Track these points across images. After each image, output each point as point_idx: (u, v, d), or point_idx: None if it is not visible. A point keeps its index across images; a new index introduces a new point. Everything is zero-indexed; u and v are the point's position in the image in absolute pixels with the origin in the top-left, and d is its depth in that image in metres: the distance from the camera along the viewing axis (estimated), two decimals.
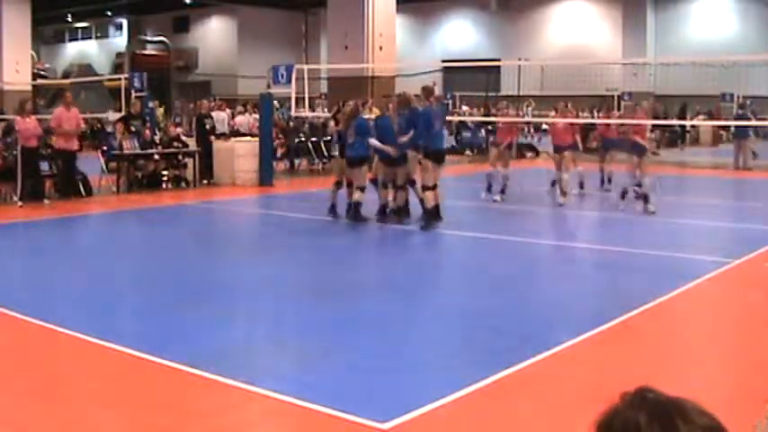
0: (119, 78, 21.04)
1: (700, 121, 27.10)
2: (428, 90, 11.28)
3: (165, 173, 15.82)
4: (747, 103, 24.62)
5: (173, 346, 5.51)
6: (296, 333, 6.18)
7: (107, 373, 5.22)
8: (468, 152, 24.68)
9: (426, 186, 10.83)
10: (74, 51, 48.27)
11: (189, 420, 4.43)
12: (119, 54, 44.43)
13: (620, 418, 1.19)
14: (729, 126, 24.46)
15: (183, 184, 15.97)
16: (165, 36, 43.87)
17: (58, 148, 13.78)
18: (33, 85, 25.55)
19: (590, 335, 5.91)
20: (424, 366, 5.34)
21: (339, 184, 11.86)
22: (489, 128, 21.25)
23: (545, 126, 20.09)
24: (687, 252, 9.61)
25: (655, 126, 25.95)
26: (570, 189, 13.48)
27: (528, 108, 28.26)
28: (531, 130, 27.82)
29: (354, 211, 11.30)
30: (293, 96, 18.00)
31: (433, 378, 5.07)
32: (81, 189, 14.37)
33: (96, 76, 35.94)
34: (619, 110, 28.25)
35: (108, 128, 20.22)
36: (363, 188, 11.32)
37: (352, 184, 11.51)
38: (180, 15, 43.78)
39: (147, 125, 16.57)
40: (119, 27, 46.39)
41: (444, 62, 31.93)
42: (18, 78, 23.67)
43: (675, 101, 29.61)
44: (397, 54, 24.08)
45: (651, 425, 1.15)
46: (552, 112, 14.89)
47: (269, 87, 17.69)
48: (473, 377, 4.88)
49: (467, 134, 25.40)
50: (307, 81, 17.96)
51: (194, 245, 10.19)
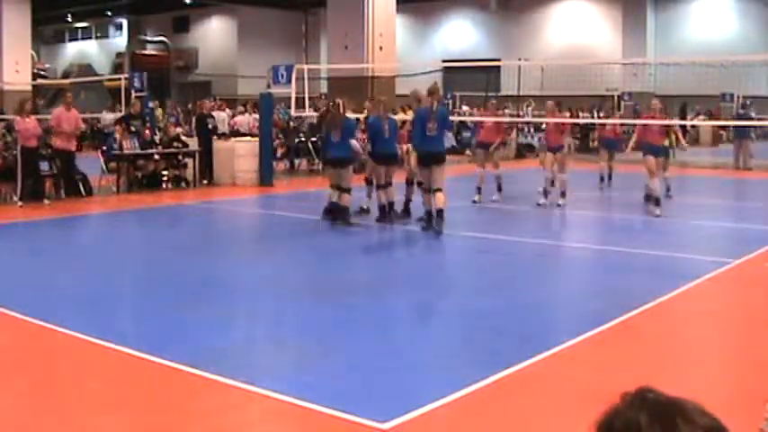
0: (119, 78, 21.04)
1: (700, 121, 27.10)
2: (429, 90, 11.16)
3: (165, 173, 15.82)
4: (748, 102, 24.62)
5: (173, 346, 5.51)
6: (296, 333, 6.17)
7: (107, 373, 5.22)
8: (469, 152, 24.66)
9: (428, 189, 10.69)
10: (74, 51, 48.24)
11: (189, 420, 4.43)
12: (119, 54, 44.40)
13: (620, 418, 1.18)
14: (729, 126, 24.45)
15: (183, 184, 15.97)
16: (165, 36, 43.86)
17: (57, 148, 13.76)
18: (33, 85, 25.55)
19: (590, 335, 5.91)
20: (424, 366, 5.34)
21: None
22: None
23: (544, 126, 20.07)
24: (687, 252, 9.61)
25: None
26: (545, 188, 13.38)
27: (528, 108, 28.26)
28: (532, 129, 27.81)
29: (342, 213, 11.06)
30: (293, 96, 17.99)
31: (433, 378, 5.07)
32: (81, 189, 14.38)
33: (96, 76, 35.95)
34: (619, 110, 28.34)
35: (106, 130, 20.22)
36: (349, 190, 11.14)
37: (340, 186, 11.16)
38: (180, 15, 43.75)
39: (147, 125, 16.58)
40: (119, 27, 46.37)
41: (444, 62, 31.93)
42: (18, 78, 23.68)
43: (675, 101, 29.59)
44: (397, 54, 24.08)
45: (652, 425, 1.15)
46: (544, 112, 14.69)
47: (269, 87, 17.69)
48: (473, 377, 4.88)
49: (467, 134, 25.38)
50: (307, 81, 17.96)
51: (194, 245, 10.19)
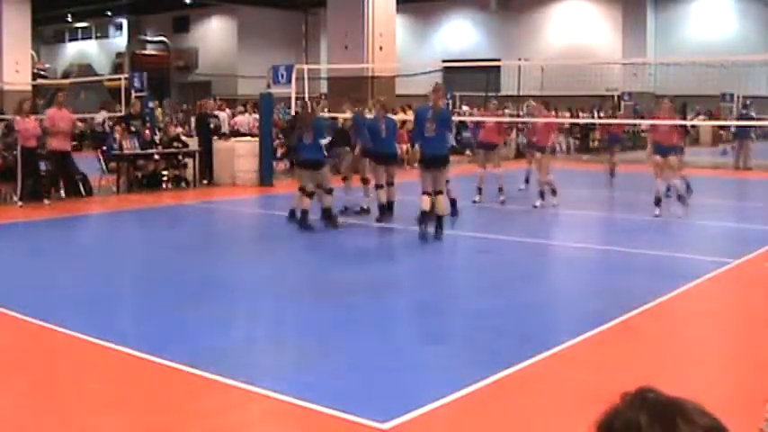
0: (119, 78, 21.04)
1: (700, 121, 27.09)
2: (433, 88, 10.40)
3: (165, 173, 15.82)
4: (748, 102, 24.63)
5: (173, 346, 5.51)
6: (296, 333, 6.17)
7: (107, 373, 5.22)
8: (469, 152, 24.65)
9: (425, 191, 10.04)
10: (74, 51, 48.25)
11: (189, 420, 4.43)
12: (119, 54, 44.41)
13: (620, 418, 1.18)
14: (729, 126, 24.43)
15: (183, 184, 15.97)
16: (165, 36, 43.86)
17: (53, 148, 13.53)
18: (33, 85, 25.54)
19: (590, 335, 5.91)
20: (424, 366, 5.34)
21: (331, 189, 11.26)
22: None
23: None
24: (687, 252, 9.61)
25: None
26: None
27: (528, 108, 28.24)
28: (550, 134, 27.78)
29: (302, 218, 10.66)
30: (293, 96, 17.99)
31: (433, 378, 5.07)
32: (81, 189, 14.38)
33: (96, 76, 35.95)
34: (619, 110, 28.33)
35: (98, 128, 20.18)
36: (331, 191, 10.85)
37: (304, 188, 10.86)
38: (180, 15, 43.75)
39: (147, 125, 16.58)
40: (119, 27, 46.38)
41: (444, 62, 31.92)
42: (18, 78, 23.68)
43: (675, 101, 29.58)
44: (397, 54, 24.07)
45: (652, 425, 1.15)
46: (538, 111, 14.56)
47: (269, 87, 17.68)
48: (473, 377, 4.88)
49: (467, 134, 25.37)
50: (307, 81, 17.95)
51: (194, 245, 10.18)
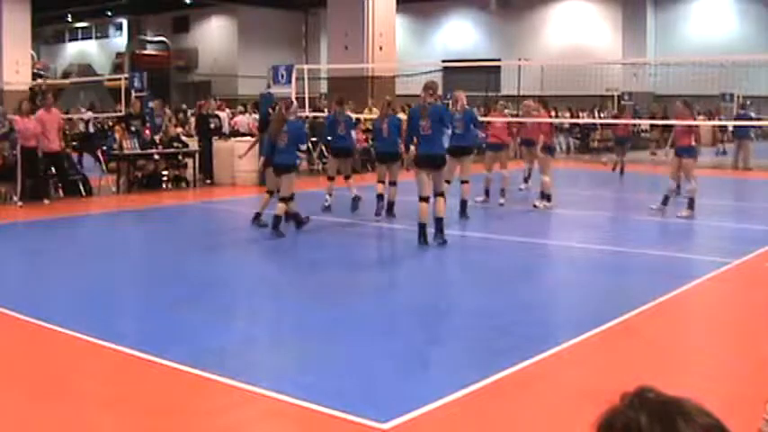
0: (119, 78, 21.05)
1: (700, 121, 27.06)
2: (425, 85, 9.83)
3: (165, 173, 15.83)
4: (748, 103, 24.62)
5: (173, 347, 5.51)
6: (296, 333, 6.17)
7: (107, 373, 5.22)
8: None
9: (421, 197, 9.57)
10: (74, 51, 48.26)
11: (189, 420, 4.43)
12: (119, 54, 44.39)
13: (621, 418, 1.18)
14: (727, 126, 24.47)
15: (183, 184, 15.97)
16: (165, 36, 43.86)
17: (46, 150, 13.38)
18: (32, 86, 25.54)
19: (590, 335, 5.91)
20: (424, 366, 5.34)
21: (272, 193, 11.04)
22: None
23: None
24: (687, 252, 9.62)
25: (653, 126, 26.01)
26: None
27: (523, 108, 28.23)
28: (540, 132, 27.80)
29: (275, 222, 10.31)
30: (293, 96, 17.98)
31: (433, 378, 5.07)
32: (81, 189, 14.39)
33: (96, 76, 35.96)
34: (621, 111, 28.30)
35: (83, 128, 20.10)
36: (292, 197, 10.44)
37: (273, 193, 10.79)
38: (180, 15, 43.74)
39: (147, 125, 16.58)
40: (119, 27, 46.37)
41: (444, 62, 31.92)
42: (18, 78, 23.68)
43: (675, 101, 29.61)
44: (397, 54, 24.09)
45: (652, 425, 1.15)
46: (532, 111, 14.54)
47: (269, 87, 17.67)
48: (473, 377, 4.88)
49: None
50: (307, 81, 17.96)
51: (194, 245, 10.18)
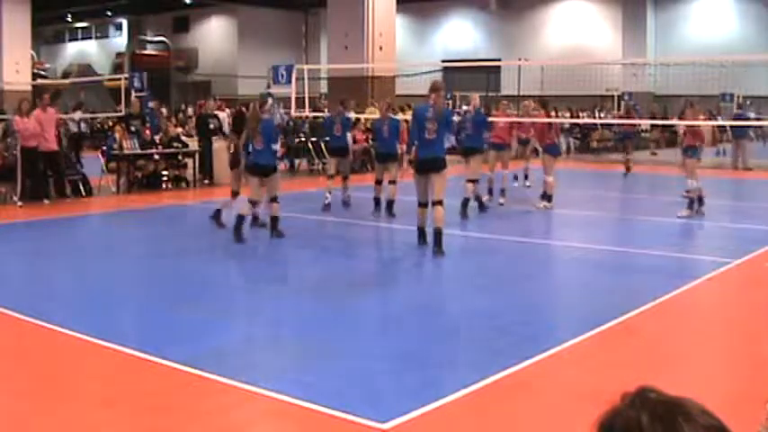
0: (119, 78, 21.04)
1: (700, 122, 27.06)
2: (432, 86, 9.35)
3: (165, 173, 15.82)
4: (748, 103, 24.62)
5: (172, 346, 5.51)
6: (296, 333, 6.17)
7: (107, 373, 5.22)
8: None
9: (420, 202, 9.22)
10: (74, 51, 48.25)
11: (189, 420, 4.43)
12: (119, 54, 44.40)
13: (621, 418, 1.18)
14: (725, 126, 24.46)
15: (183, 184, 15.97)
16: (165, 36, 43.86)
17: (43, 150, 13.33)
18: (33, 85, 25.55)
19: (590, 335, 5.91)
20: (424, 366, 5.34)
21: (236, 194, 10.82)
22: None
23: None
24: (687, 252, 9.62)
25: (653, 126, 26.03)
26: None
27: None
28: (532, 130, 27.81)
29: (274, 223, 10.10)
30: (293, 96, 17.99)
31: (433, 378, 5.07)
32: (81, 189, 14.39)
33: (96, 76, 35.95)
34: (619, 110, 28.30)
35: (73, 128, 20.03)
36: (276, 198, 10.07)
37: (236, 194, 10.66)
38: (180, 15, 43.75)
39: (147, 125, 16.58)
40: (119, 27, 46.37)
41: (444, 62, 31.91)
42: (18, 78, 23.68)
43: (675, 101, 29.63)
44: (397, 54, 24.09)
45: (653, 425, 1.15)
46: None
47: (269, 87, 17.67)
48: (473, 377, 4.88)
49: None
50: (307, 81, 17.95)
51: (194, 245, 10.18)
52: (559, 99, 24.93)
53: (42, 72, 34.07)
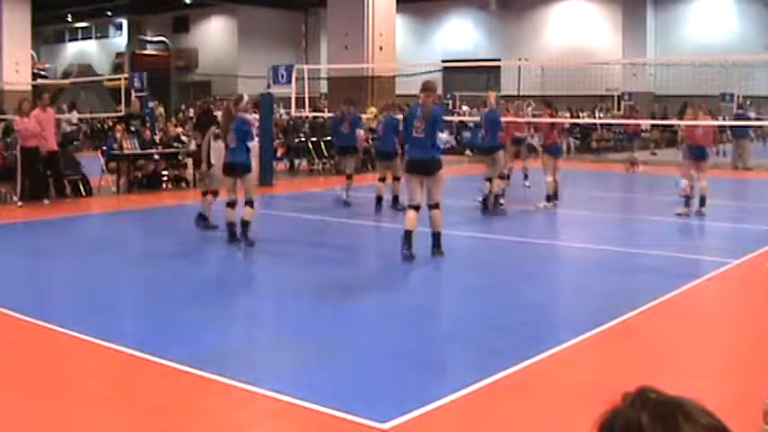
0: (119, 78, 21.05)
1: (700, 121, 27.07)
2: (423, 86, 9.07)
3: (165, 173, 15.82)
4: (748, 103, 24.61)
5: (173, 347, 5.51)
6: (296, 333, 6.17)
7: (107, 373, 5.22)
8: (469, 152, 24.66)
9: (410, 204, 8.84)
10: (74, 51, 48.26)
11: (189, 420, 4.43)
12: (119, 54, 44.42)
13: (621, 418, 1.18)
14: (724, 127, 24.46)
15: (183, 185, 15.97)
16: (165, 36, 43.86)
17: (40, 149, 13.26)
18: (33, 86, 25.56)
19: (590, 335, 5.91)
20: (424, 366, 5.34)
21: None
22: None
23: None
24: (687, 252, 9.61)
25: (654, 126, 26.02)
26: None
27: (528, 108, 28.24)
28: (532, 130, 27.84)
29: (244, 229, 9.60)
30: (293, 96, 18.00)
31: (433, 378, 5.07)
32: (81, 189, 14.38)
33: (96, 76, 35.96)
34: (619, 110, 28.31)
35: (67, 128, 20.08)
36: (252, 203, 9.64)
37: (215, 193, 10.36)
38: (180, 15, 43.75)
39: (147, 125, 16.58)
40: (119, 27, 46.37)
41: (444, 62, 31.92)
42: (18, 78, 23.69)
43: (675, 101, 29.63)
44: (397, 54, 24.09)
45: (654, 424, 1.15)
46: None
47: (269, 87, 17.68)
48: (473, 377, 4.88)
49: (467, 134, 25.37)
50: (307, 81, 17.96)
51: (194, 245, 10.18)
52: (559, 99, 24.93)
53: (42, 72, 34.07)
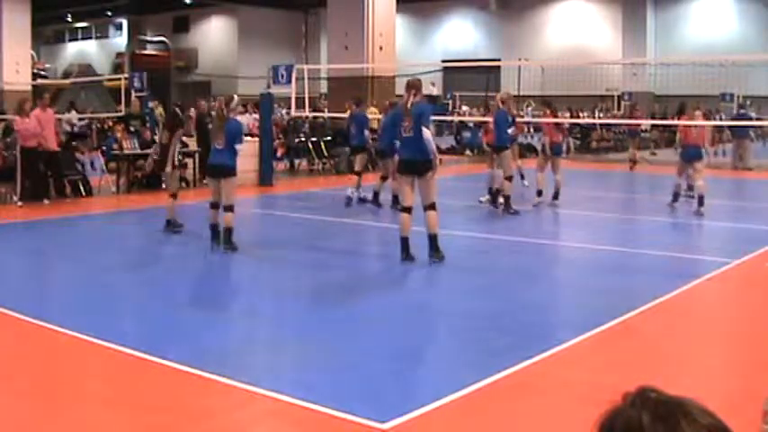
0: (119, 78, 21.05)
1: (700, 121, 27.06)
2: (407, 83, 8.62)
3: None
4: (748, 103, 24.60)
5: (173, 347, 5.51)
6: (296, 333, 6.17)
7: (107, 373, 5.22)
8: (469, 152, 24.68)
9: (402, 207, 8.62)
10: (74, 51, 48.28)
11: (189, 420, 4.43)
12: (119, 54, 44.44)
13: (622, 417, 1.18)
14: (723, 127, 24.45)
15: (183, 185, 15.96)
16: (165, 36, 43.88)
17: (41, 149, 13.27)
18: (33, 86, 25.56)
19: (590, 335, 5.91)
20: (424, 366, 5.34)
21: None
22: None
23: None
24: (687, 252, 9.61)
25: (653, 126, 26.02)
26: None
27: (528, 108, 28.26)
28: (531, 130, 27.85)
29: (227, 236, 9.34)
30: (293, 96, 17.99)
31: (433, 378, 5.07)
32: (81, 189, 14.38)
33: (96, 76, 35.97)
34: (619, 110, 28.29)
35: (67, 127, 20.06)
36: (232, 207, 9.36)
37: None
38: (180, 15, 43.77)
39: (147, 125, 16.58)
40: (119, 27, 46.40)
41: (444, 62, 31.94)
42: (18, 78, 23.68)
43: (675, 101, 29.63)
44: (397, 54, 24.08)
45: (654, 424, 1.15)
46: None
47: (269, 87, 17.69)
48: (473, 377, 4.87)
49: (467, 134, 25.39)
50: (307, 81, 17.95)
51: (194, 245, 10.17)
52: (559, 99, 24.93)
53: (42, 72, 34.07)
